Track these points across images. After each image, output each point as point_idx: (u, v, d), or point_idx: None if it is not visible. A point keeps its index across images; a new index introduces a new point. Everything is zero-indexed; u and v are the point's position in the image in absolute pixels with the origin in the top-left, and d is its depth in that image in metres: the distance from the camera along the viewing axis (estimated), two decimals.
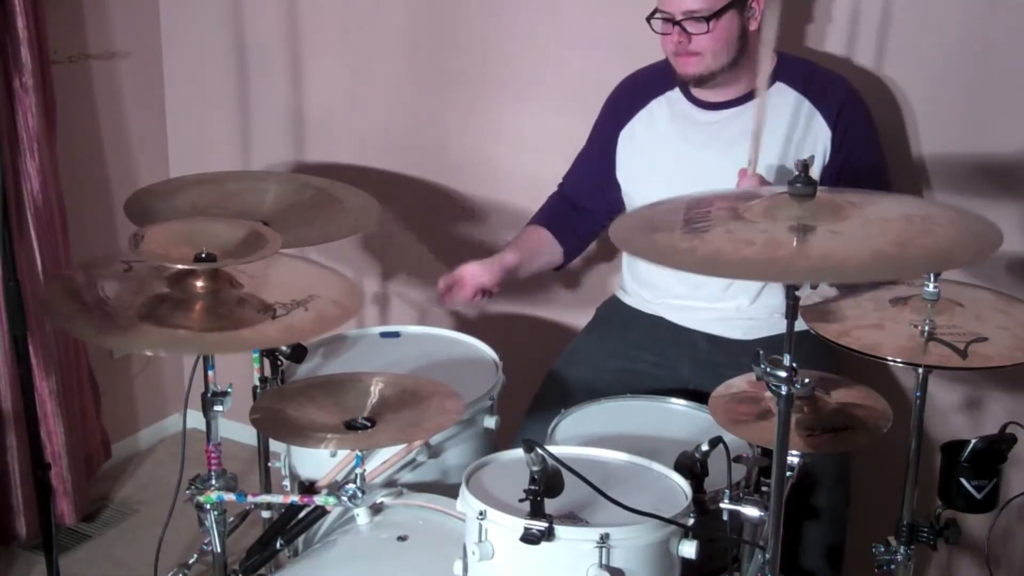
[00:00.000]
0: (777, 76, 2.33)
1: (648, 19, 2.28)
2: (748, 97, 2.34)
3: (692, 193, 1.83)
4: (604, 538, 1.65)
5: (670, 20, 2.26)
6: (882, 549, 1.95)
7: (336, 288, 1.97)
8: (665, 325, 2.46)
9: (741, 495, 1.84)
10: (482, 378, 2.31)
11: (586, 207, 2.55)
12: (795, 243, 1.57)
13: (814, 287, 1.96)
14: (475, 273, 2.39)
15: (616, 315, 2.55)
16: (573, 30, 2.81)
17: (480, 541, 1.70)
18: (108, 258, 1.98)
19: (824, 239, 1.57)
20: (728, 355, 2.34)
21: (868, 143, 2.36)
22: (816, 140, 2.31)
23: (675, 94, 2.42)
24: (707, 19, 2.21)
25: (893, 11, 2.46)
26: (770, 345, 1.71)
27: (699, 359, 2.40)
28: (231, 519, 2.08)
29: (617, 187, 2.50)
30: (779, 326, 1.67)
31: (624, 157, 2.49)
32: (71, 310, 1.85)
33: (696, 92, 2.38)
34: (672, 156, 2.41)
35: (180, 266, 1.83)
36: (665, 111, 2.43)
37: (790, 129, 2.31)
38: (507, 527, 1.67)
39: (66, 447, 2.94)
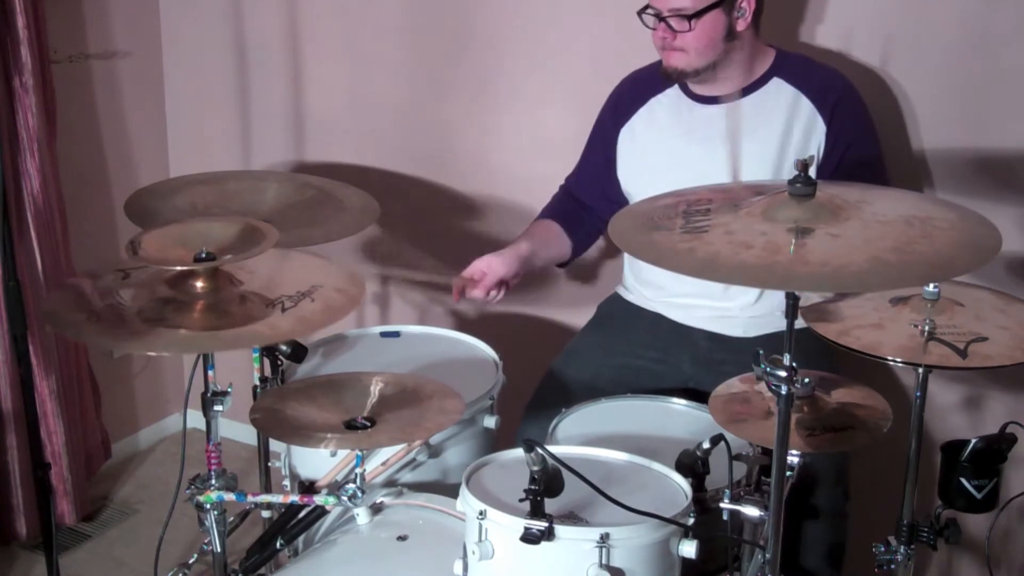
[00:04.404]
0: (775, 72, 2.35)
1: (639, 13, 2.30)
2: (745, 92, 2.36)
3: (693, 187, 1.84)
4: (604, 538, 1.65)
5: (657, 15, 2.28)
6: (882, 549, 1.95)
7: (337, 276, 1.97)
8: (666, 323, 2.46)
9: (742, 494, 1.85)
10: (482, 378, 2.31)
11: (590, 205, 2.55)
12: (791, 248, 1.56)
13: None
14: (494, 267, 2.37)
15: (617, 312, 2.56)
16: (573, 29, 2.81)
17: (480, 541, 1.70)
18: (103, 267, 1.98)
19: (822, 243, 1.57)
20: (728, 353, 2.34)
21: (864, 139, 2.37)
22: (812, 136, 2.32)
23: (675, 91, 2.43)
24: (689, 18, 2.24)
25: (892, 7, 2.46)
26: (771, 342, 1.70)
27: (699, 357, 2.40)
28: (231, 519, 2.08)
29: (619, 185, 2.51)
30: (779, 323, 1.67)
31: (624, 154, 2.49)
32: (76, 320, 1.84)
33: (694, 87, 2.39)
34: (672, 151, 2.42)
35: (179, 268, 1.82)
36: (665, 108, 2.44)
37: (787, 125, 2.32)
38: (507, 527, 1.67)
39: (66, 447, 2.94)
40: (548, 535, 1.64)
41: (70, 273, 2.93)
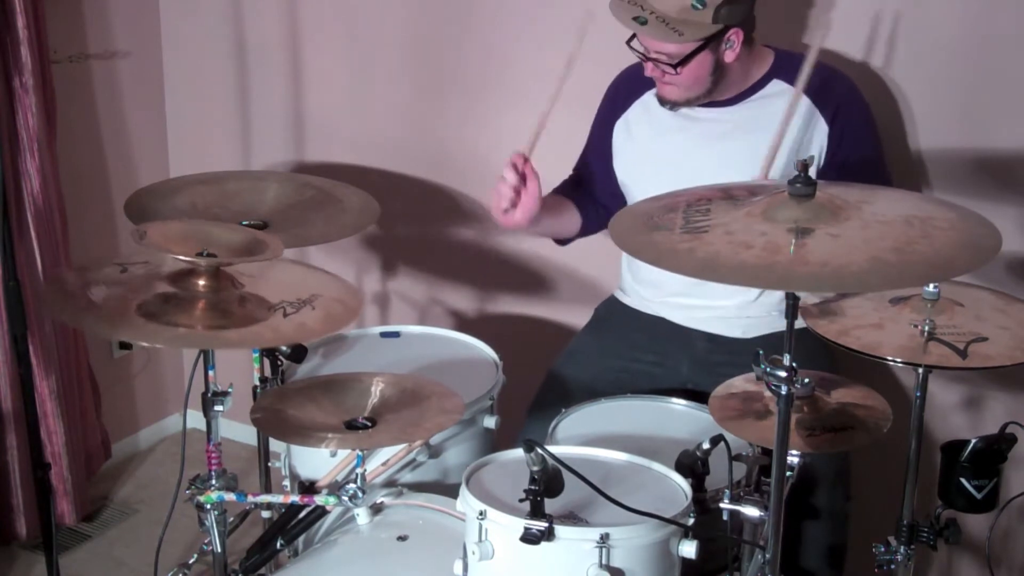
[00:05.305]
0: (774, 73, 2.35)
1: (628, 43, 2.29)
2: (742, 96, 2.35)
3: (693, 187, 1.84)
4: (604, 538, 1.65)
5: (643, 55, 2.28)
6: (882, 549, 1.95)
7: (336, 288, 1.97)
8: (664, 324, 2.46)
9: (741, 494, 1.85)
10: (482, 378, 2.31)
11: (594, 195, 2.55)
12: (791, 248, 1.56)
13: None
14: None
15: (615, 315, 2.55)
16: (574, 30, 2.80)
17: (480, 541, 1.70)
18: (102, 260, 1.98)
19: (822, 243, 1.57)
20: (727, 354, 2.34)
21: (866, 140, 2.36)
22: (814, 137, 2.32)
23: None
24: (675, 65, 2.24)
25: (892, 7, 2.46)
26: (769, 343, 1.70)
27: (698, 359, 2.40)
28: (231, 519, 2.08)
29: (616, 178, 2.51)
30: (778, 323, 1.67)
31: (619, 148, 2.50)
32: (75, 310, 1.85)
33: None
34: (665, 147, 2.41)
35: (187, 258, 1.82)
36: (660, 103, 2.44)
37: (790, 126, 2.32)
38: (507, 527, 1.67)
39: (66, 447, 2.94)
40: (548, 535, 1.64)
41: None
